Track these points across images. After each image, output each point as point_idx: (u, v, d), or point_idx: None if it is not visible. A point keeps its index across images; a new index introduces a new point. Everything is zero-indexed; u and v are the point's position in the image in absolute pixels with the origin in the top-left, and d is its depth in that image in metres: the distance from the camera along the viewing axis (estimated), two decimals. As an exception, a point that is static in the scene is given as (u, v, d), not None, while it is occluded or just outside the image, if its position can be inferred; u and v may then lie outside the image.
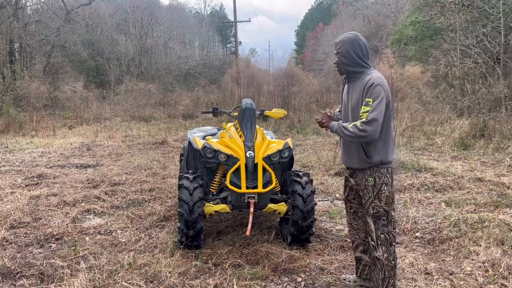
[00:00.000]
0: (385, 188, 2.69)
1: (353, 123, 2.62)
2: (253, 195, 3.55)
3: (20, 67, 17.10)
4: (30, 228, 4.41)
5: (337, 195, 5.67)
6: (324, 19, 47.43)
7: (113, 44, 25.01)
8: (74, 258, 3.63)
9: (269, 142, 3.87)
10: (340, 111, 3.01)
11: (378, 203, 2.68)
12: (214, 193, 3.95)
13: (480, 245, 3.65)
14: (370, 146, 2.67)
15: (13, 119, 13.19)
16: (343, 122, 2.68)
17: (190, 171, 3.88)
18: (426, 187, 5.70)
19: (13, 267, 3.42)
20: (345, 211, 3.08)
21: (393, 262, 2.72)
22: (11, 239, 4.08)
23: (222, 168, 3.89)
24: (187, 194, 3.59)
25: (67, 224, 4.50)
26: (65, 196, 5.53)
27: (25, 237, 4.18)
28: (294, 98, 15.63)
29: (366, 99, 2.57)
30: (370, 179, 2.69)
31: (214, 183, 3.95)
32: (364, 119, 2.54)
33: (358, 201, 2.92)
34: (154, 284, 3.14)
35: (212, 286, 3.10)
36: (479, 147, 8.31)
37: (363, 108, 2.57)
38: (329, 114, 2.85)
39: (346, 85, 2.83)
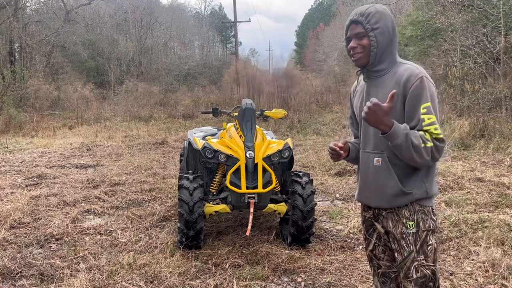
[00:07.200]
0: (432, 237, 1.82)
1: (423, 133, 1.72)
2: (253, 195, 3.55)
3: (20, 67, 17.11)
4: (30, 228, 4.41)
5: (337, 195, 5.66)
6: (324, 19, 47.50)
7: (113, 44, 25.05)
8: (74, 258, 3.63)
9: (269, 142, 3.87)
10: (356, 140, 2.08)
11: (424, 261, 1.79)
12: (214, 193, 3.95)
13: (480, 245, 3.65)
14: (409, 172, 1.80)
15: (13, 119, 13.20)
16: (407, 128, 1.71)
17: (190, 171, 3.89)
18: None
19: (13, 267, 3.42)
20: (371, 270, 2.11)
21: None
22: (11, 239, 4.08)
23: (222, 168, 3.89)
24: (187, 194, 3.59)
25: (67, 224, 4.50)
26: (65, 196, 5.53)
27: (25, 237, 4.17)
28: (294, 98, 15.63)
29: (425, 105, 1.72)
30: (411, 223, 1.81)
31: (214, 183, 3.95)
32: (438, 135, 1.71)
33: (390, 257, 1.99)
34: (154, 285, 3.14)
35: (212, 287, 3.10)
36: (479, 147, 8.30)
37: (426, 118, 1.71)
38: (342, 144, 1.94)
39: (365, 84, 1.95)
